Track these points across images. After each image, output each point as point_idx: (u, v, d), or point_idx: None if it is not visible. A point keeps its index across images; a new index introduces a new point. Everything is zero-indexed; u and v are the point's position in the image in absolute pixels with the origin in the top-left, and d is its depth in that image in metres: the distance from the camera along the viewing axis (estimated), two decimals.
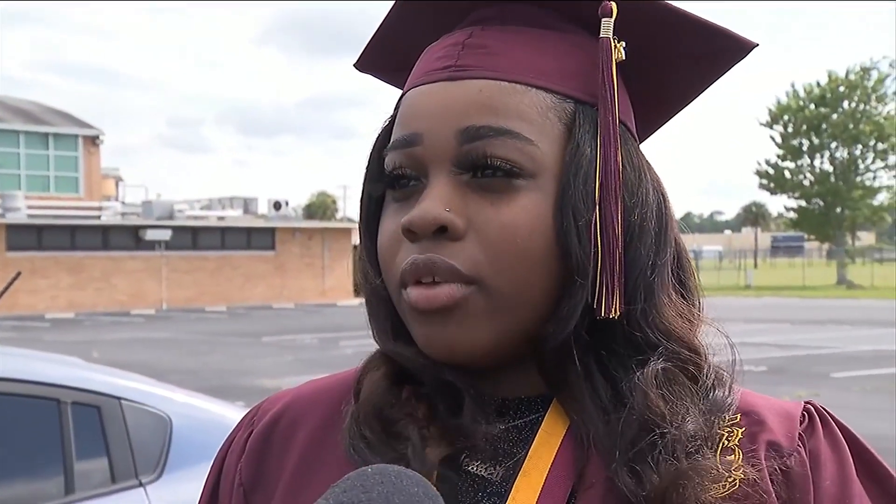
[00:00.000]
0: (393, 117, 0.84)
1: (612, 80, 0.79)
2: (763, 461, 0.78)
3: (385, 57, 0.91)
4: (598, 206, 0.77)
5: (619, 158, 0.78)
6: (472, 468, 0.79)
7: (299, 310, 29.22)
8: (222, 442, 0.91)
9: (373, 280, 0.83)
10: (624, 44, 0.80)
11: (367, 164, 0.86)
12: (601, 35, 0.79)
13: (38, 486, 3.04)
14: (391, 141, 0.81)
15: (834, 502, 0.78)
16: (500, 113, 0.77)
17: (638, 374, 0.77)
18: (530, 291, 0.76)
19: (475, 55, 0.80)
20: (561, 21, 0.82)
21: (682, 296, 0.83)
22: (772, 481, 0.77)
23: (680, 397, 0.77)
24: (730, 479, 0.75)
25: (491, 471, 0.78)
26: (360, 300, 0.88)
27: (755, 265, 64.12)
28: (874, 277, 42.60)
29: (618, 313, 0.77)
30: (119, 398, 3.15)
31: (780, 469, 0.78)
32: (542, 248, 0.76)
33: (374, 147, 0.85)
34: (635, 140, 0.84)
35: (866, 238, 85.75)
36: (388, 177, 0.81)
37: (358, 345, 16.26)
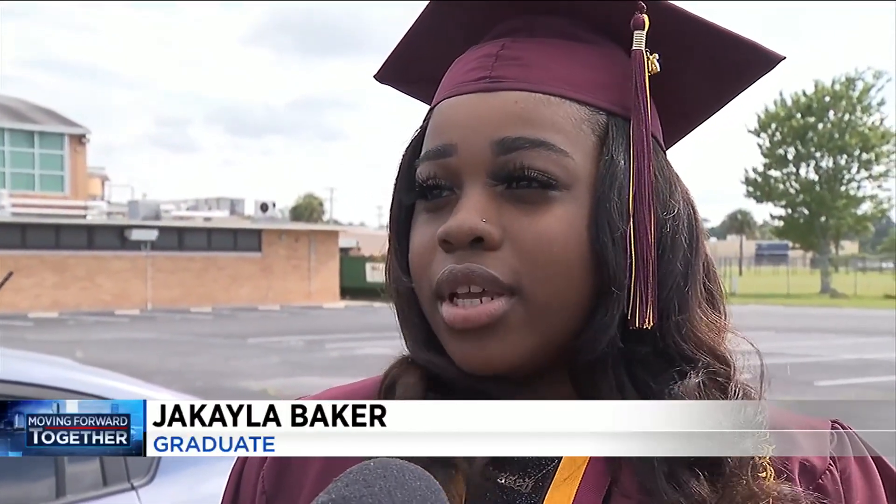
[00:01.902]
0: (423, 128, 0.84)
1: (646, 93, 0.80)
2: (797, 481, 0.78)
3: (407, 69, 0.91)
4: (632, 218, 0.77)
5: (652, 171, 0.79)
6: (501, 479, 0.78)
7: (285, 312, 29.13)
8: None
9: (405, 289, 0.83)
10: (658, 56, 0.80)
11: (397, 173, 0.86)
12: (633, 48, 0.80)
13: (28, 488, 3.01)
14: (423, 151, 0.81)
15: None
16: (535, 124, 0.78)
17: (678, 384, 0.77)
18: (566, 301, 0.77)
19: (509, 67, 0.80)
20: (589, 32, 0.83)
21: (709, 304, 0.83)
22: (806, 501, 0.77)
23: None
24: (763, 498, 0.75)
25: (520, 482, 0.78)
26: (346, 303, 0.87)
27: (740, 273, 64.42)
28: (857, 286, 42.87)
29: (651, 324, 0.77)
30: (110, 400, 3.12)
31: (813, 489, 0.78)
32: (577, 258, 0.77)
33: (404, 157, 0.85)
34: (664, 152, 0.85)
35: (849, 247, 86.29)
36: (421, 187, 0.81)
37: (344, 347, 16.23)
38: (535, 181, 0.77)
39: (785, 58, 0.85)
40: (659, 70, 0.80)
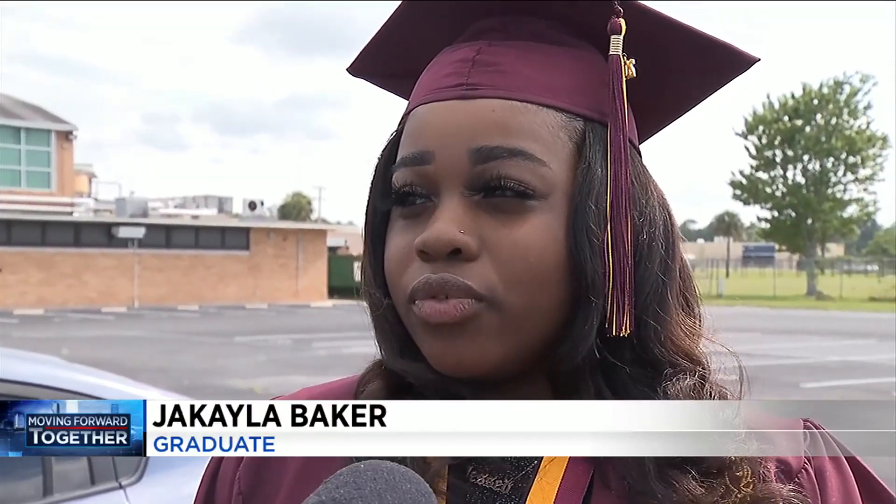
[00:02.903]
0: (399, 131, 0.84)
1: (623, 99, 0.79)
2: (773, 480, 0.78)
3: (381, 63, 0.91)
4: (609, 227, 0.77)
5: (629, 178, 0.79)
6: (481, 481, 0.79)
7: (272, 310, 29.06)
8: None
9: (379, 296, 0.83)
10: (634, 61, 0.80)
11: (372, 178, 0.85)
12: (611, 52, 0.79)
13: (15, 487, 2.99)
14: (399, 157, 0.81)
15: None
16: (512, 133, 0.77)
17: (658, 388, 0.78)
18: (542, 310, 0.77)
19: (486, 73, 0.79)
20: (565, 34, 0.82)
21: (685, 310, 0.83)
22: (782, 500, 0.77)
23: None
24: (738, 496, 0.76)
25: (499, 483, 0.78)
26: (334, 301, 0.87)
27: (727, 274, 64.62)
28: (843, 288, 43.08)
29: (628, 331, 0.77)
30: (98, 399, 3.10)
31: (790, 488, 0.79)
32: (555, 267, 0.76)
33: (379, 161, 0.85)
34: (640, 156, 0.84)
35: (835, 249, 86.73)
36: (397, 193, 0.80)
37: (331, 346, 16.20)
38: (512, 191, 0.77)
39: (759, 59, 0.85)
40: (636, 75, 0.80)
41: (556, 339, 0.78)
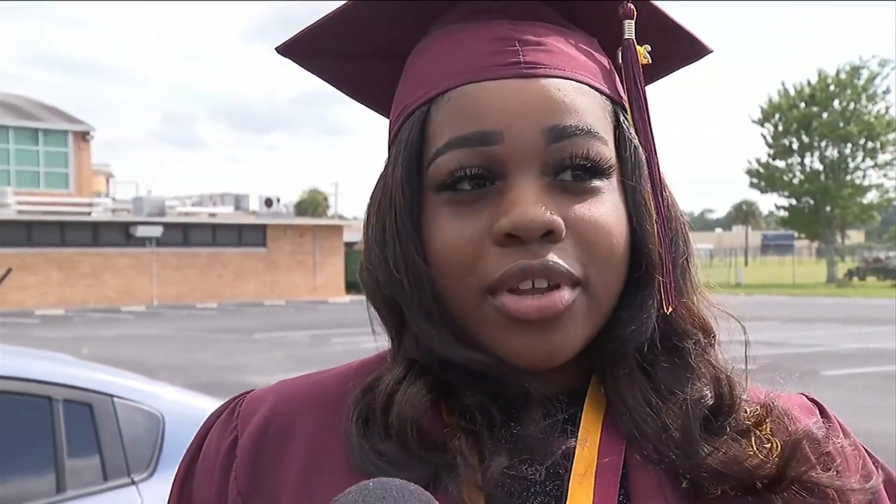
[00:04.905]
0: (424, 114, 0.78)
1: (642, 83, 0.80)
2: (821, 424, 0.82)
3: (331, 42, 0.84)
4: (660, 204, 0.79)
5: (657, 159, 0.81)
6: (512, 470, 0.75)
7: (290, 306, 29.16)
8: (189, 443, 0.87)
9: (427, 286, 0.77)
10: (650, 48, 0.81)
11: (391, 173, 0.79)
12: (626, 37, 0.80)
13: (29, 483, 3.01)
14: (451, 138, 0.75)
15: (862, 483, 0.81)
16: (578, 112, 0.76)
17: (692, 357, 0.80)
18: (614, 290, 0.78)
19: (538, 52, 0.78)
20: (561, 18, 0.82)
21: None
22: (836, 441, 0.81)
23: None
24: (768, 446, 0.78)
25: (531, 471, 0.76)
26: (351, 297, 0.85)
27: (746, 263, 64.30)
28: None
29: (672, 308, 0.79)
30: (111, 395, 3.13)
31: (814, 421, 0.82)
32: (626, 246, 0.77)
33: (405, 151, 0.78)
34: None
35: (855, 236, 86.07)
36: (451, 177, 0.75)
37: (349, 342, 16.21)
38: (587, 170, 0.76)
39: (712, 51, 0.88)
40: (650, 62, 0.81)
41: (615, 319, 0.78)
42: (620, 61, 0.81)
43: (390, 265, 0.78)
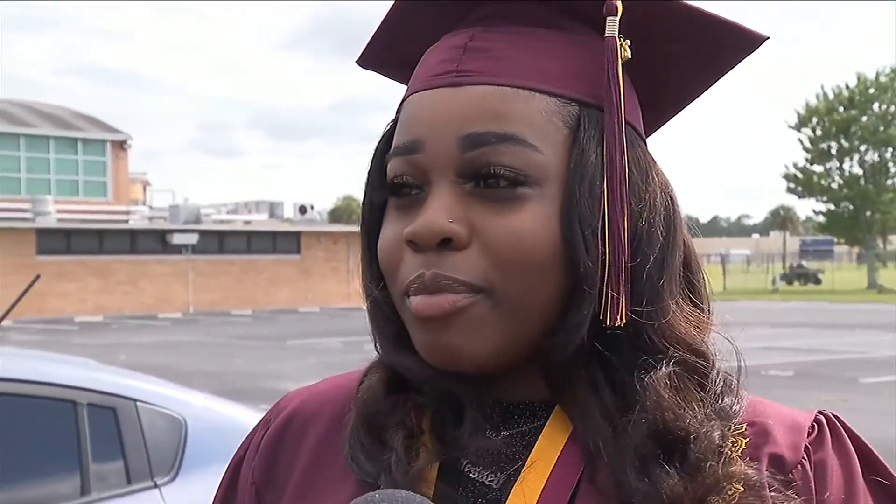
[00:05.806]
0: (395, 122, 0.82)
1: (618, 82, 0.77)
2: (764, 473, 0.76)
3: (388, 53, 0.89)
4: (605, 214, 0.75)
5: (626, 163, 0.76)
6: (474, 474, 0.78)
7: (324, 313, 29.32)
8: (239, 443, 0.91)
9: (373, 289, 0.82)
10: (630, 42, 0.78)
11: (368, 169, 0.84)
12: (606, 34, 0.77)
13: (53, 486, 3.05)
14: (392, 147, 0.79)
15: None
16: (503, 119, 0.75)
17: (649, 375, 0.75)
18: (536, 300, 0.75)
19: (477, 59, 0.78)
20: (564, 19, 0.80)
21: (691, 300, 0.81)
22: (771, 494, 0.75)
23: (689, 402, 0.75)
24: (730, 491, 0.73)
25: (492, 477, 0.77)
26: None
27: (783, 269, 63.52)
28: None
29: (623, 322, 0.75)
30: (135, 400, 3.16)
31: (781, 482, 0.76)
32: (550, 256, 0.74)
33: (375, 152, 0.83)
34: (643, 140, 0.82)
35: None
36: (391, 184, 0.79)
37: None
38: (504, 178, 0.74)
39: (768, 38, 0.82)
40: (631, 56, 0.78)
41: (551, 330, 0.76)
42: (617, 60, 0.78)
43: (364, 266, 0.84)
